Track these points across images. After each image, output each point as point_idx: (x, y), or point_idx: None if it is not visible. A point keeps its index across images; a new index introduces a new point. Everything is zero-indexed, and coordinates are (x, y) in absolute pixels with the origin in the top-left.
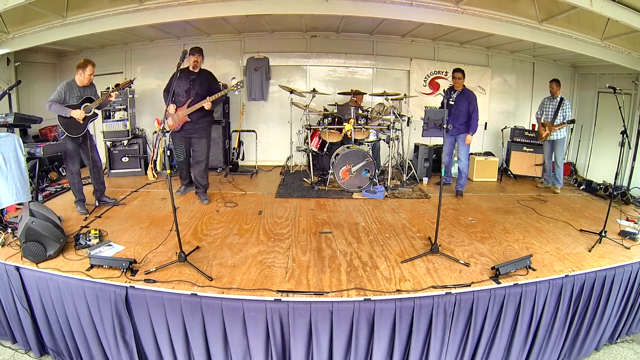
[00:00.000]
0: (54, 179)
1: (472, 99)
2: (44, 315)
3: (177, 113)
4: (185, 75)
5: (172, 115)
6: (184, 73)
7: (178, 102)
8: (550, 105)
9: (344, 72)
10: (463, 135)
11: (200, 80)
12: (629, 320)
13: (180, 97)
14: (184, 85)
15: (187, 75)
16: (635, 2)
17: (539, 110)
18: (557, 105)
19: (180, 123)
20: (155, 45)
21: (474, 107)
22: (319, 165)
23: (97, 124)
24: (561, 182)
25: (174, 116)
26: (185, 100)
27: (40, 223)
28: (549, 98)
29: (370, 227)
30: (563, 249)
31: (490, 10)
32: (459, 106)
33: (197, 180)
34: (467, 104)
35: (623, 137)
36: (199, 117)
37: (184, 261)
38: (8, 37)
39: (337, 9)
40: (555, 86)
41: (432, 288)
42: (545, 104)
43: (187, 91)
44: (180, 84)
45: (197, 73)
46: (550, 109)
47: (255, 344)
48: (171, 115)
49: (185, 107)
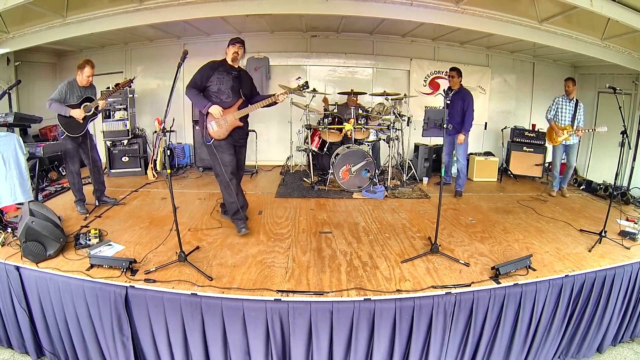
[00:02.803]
0: (54, 178)
1: (466, 98)
2: (42, 316)
3: (226, 116)
4: (226, 70)
5: (219, 119)
6: (222, 67)
7: (221, 102)
8: (568, 108)
9: (344, 72)
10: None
11: (244, 76)
12: (631, 323)
13: (224, 96)
14: (227, 82)
15: (228, 71)
16: (635, 2)
17: (550, 110)
18: (574, 108)
19: (230, 129)
20: (155, 45)
21: (467, 105)
22: (319, 165)
23: (97, 124)
24: (566, 183)
25: (220, 120)
26: (233, 101)
27: (40, 223)
28: (564, 98)
29: (370, 227)
30: (563, 249)
31: (490, 10)
32: (455, 105)
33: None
34: (462, 102)
35: (623, 137)
36: (246, 122)
37: (184, 261)
38: (8, 36)
39: (337, 9)
40: (572, 85)
41: (432, 288)
42: (561, 105)
43: (232, 89)
44: (222, 81)
45: (237, 69)
46: (567, 111)
47: (255, 344)
48: (216, 120)
49: (235, 109)
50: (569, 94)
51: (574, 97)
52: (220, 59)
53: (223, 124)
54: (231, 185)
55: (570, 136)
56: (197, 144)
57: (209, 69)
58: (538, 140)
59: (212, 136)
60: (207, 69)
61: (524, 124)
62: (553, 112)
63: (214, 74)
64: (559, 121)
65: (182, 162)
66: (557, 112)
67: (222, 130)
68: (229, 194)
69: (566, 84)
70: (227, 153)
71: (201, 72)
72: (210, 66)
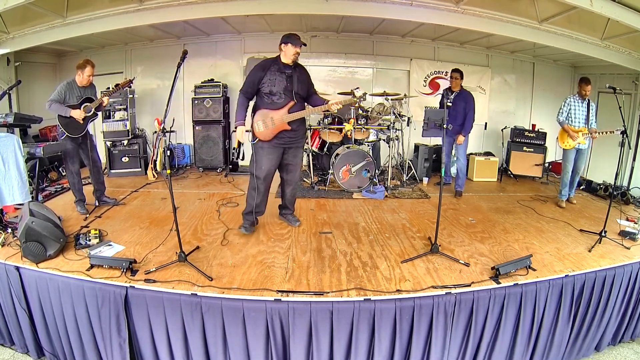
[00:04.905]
0: (54, 179)
1: (468, 100)
2: (42, 316)
3: (274, 118)
4: (279, 70)
5: (267, 119)
6: (275, 66)
7: (272, 103)
8: (581, 108)
9: (344, 72)
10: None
11: (299, 76)
12: (632, 323)
13: (276, 97)
14: (280, 82)
15: (282, 69)
16: (635, 2)
17: (562, 112)
18: (586, 109)
19: (276, 131)
20: (155, 45)
21: (470, 107)
22: (319, 165)
23: (97, 124)
24: (574, 191)
25: (267, 121)
26: (284, 102)
27: (40, 223)
28: (575, 99)
29: (370, 227)
30: (563, 249)
31: (490, 10)
32: (456, 107)
33: (290, 201)
34: (464, 104)
35: (623, 137)
36: (298, 122)
37: (184, 261)
38: (8, 37)
39: (337, 9)
40: (588, 86)
41: (432, 288)
42: (574, 106)
43: (285, 90)
44: (274, 82)
45: (293, 67)
46: (581, 112)
47: (255, 345)
48: (264, 120)
49: (285, 112)
50: (583, 96)
51: (587, 97)
52: (273, 57)
53: (270, 125)
54: (257, 189)
55: (586, 139)
56: (197, 144)
57: (261, 69)
58: (538, 140)
59: (257, 136)
60: (259, 70)
61: (524, 124)
62: (565, 114)
63: (266, 75)
64: (571, 123)
65: (182, 162)
66: (569, 114)
67: (268, 131)
68: (251, 195)
69: (582, 86)
70: (266, 157)
71: (252, 74)
72: (262, 66)
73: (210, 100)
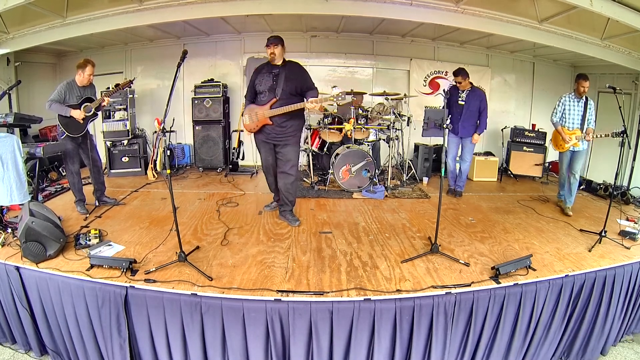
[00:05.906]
0: (54, 179)
1: (483, 98)
2: (44, 315)
3: (257, 112)
4: (268, 71)
5: (252, 114)
6: (265, 68)
7: (260, 101)
8: (577, 108)
9: (344, 72)
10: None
11: (287, 74)
12: (632, 323)
13: (262, 95)
14: (267, 81)
15: (270, 70)
16: (635, 2)
17: (556, 113)
18: (583, 108)
19: (259, 124)
20: (155, 45)
21: (484, 105)
22: (319, 165)
23: (97, 124)
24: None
25: (252, 115)
26: (268, 99)
27: (40, 223)
28: (571, 97)
29: (370, 227)
30: (563, 248)
31: (490, 10)
32: (470, 106)
33: (284, 195)
34: (479, 102)
35: (623, 137)
36: (284, 119)
37: (184, 261)
38: (8, 37)
39: (337, 9)
40: (586, 83)
41: (432, 288)
42: (569, 106)
43: (270, 88)
44: (262, 82)
45: (280, 66)
46: (577, 112)
47: (255, 345)
48: (249, 114)
49: (266, 107)
50: (580, 94)
51: (584, 96)
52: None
53: (255, 119)
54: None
55: (579, 141)
56: (197, 144)
57: (255, 73)
58: (538, 140)
59: (244, 128)
60: (253, 74)
61: (524, 123)
62: (559, 114)
63: (257, 77)
64: (566, 124)
65: (182, 162)
66: (564, 114)
67: (252, 124)
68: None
69: (579, 82)
70: (262, 149)
71: (250, 79)
72: (256, 70)
73: (210, 100)
